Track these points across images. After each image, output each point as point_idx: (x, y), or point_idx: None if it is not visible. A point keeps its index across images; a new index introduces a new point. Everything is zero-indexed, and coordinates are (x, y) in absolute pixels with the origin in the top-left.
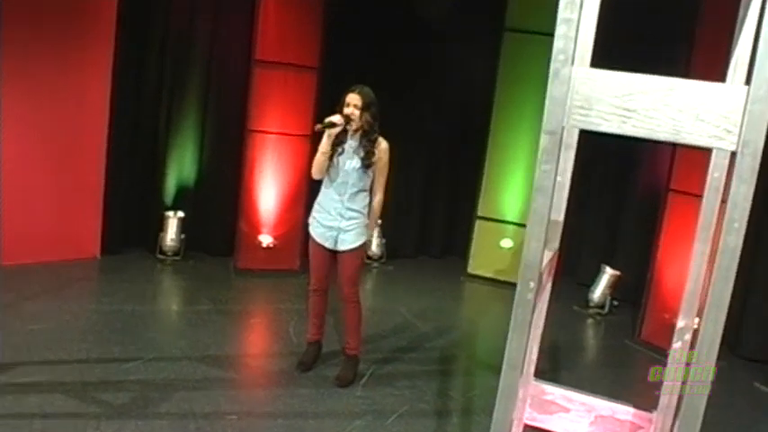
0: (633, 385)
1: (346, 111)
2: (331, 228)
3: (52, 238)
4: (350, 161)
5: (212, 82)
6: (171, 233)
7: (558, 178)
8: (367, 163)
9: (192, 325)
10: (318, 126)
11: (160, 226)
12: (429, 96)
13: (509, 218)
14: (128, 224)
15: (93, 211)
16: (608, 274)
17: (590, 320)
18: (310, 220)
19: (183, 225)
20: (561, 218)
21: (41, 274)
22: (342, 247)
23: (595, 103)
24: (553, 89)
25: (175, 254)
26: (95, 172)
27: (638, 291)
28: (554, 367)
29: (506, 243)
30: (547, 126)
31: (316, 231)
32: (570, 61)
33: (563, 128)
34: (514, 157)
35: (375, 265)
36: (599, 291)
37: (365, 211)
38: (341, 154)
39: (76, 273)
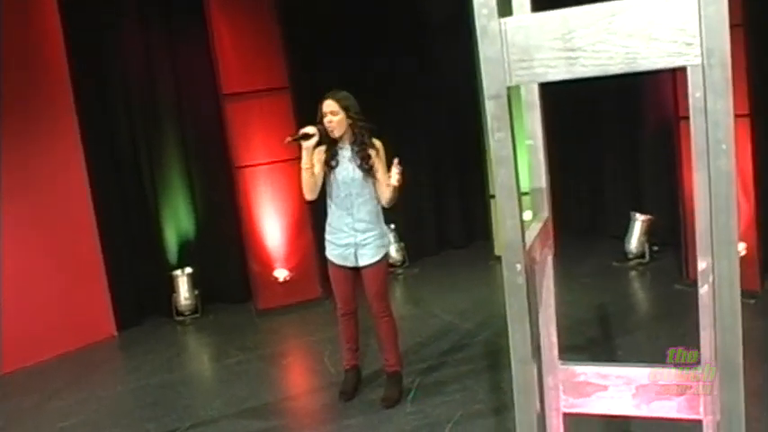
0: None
1: (325, 122)
2: (347, 245)
3: (64, 329)
4: (347, 172)
5: (186, 127)
6: (183, 292)
7: (530, 142)
8: (366, 168)
9: (224, 381)
10: (288, 139)
11: (171, 287)
12: (416, 90)
13: (523, 188)
14: (138, 294)
15: (100, 290)
16: (639, 220)
17: (633, 273)
18: (326, 244)
19: (194, 280)
20: (544, 184)
21: (61, 367)
22: (363, 262)
23: (535, 51)
24: (485, 48)
25: (193, 312)
26: (91, 250)
27: (675, 230)
28: (608, 334)
29: (527, 215)
30: (489, 90)
31: (333, 253)
32: (496, 13)
33: (507, 88)
34: (515, 126)
35: (399, 271)
36: (635, 240)
37: (378, 218)
38: (336, 167)
39: (96, 357)
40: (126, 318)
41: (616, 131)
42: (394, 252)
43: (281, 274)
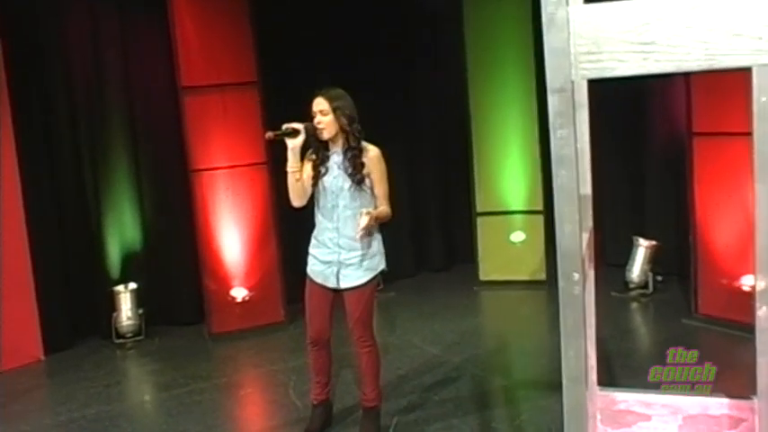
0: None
1: (315, 119)
2: (329, 263)
3: None
4: (336, 181)
5: (137, 123)
6: (125, 310)
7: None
8: (358, 178)
9: (172, 414)
10: (269, 134)
11: (111, 305)
12: (395, 92)
13: (514, 207)
14: (71, 311)
15: (25, 305)
16: (643, 246)
17: (635, 305)
18: (309, 258)
19: (139, 298)
20: (589, 190)
21: None
22: (345, 284)
23: (605, 43)
24: (551, 38)
25: (136, 334)
26: (18, 258)
27: (682, 259)
28: (609, 372)
29: (517, 237)
30: (553, 83)
31: (313, 269)
32: (565, 1)
33: (572, 82)
34: (504, 136)
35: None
36: (637, 268)
37: (369, 237)
38: (325, 174)
39: (19, 384)
40: (56, 339)
41: (618, 146)
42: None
43: (240, 293)
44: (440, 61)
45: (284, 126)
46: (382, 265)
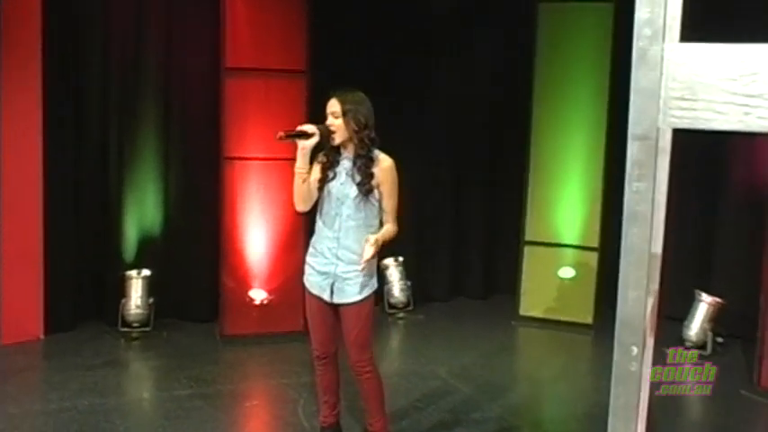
0: None
1: (326, 123)
2: (326, 274)
3: None
4: (343, 188)
5: (173, 101)
6: (135, 298)
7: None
8: (366, 188)
9: (170, 417)
10: (280, 134)
11: (121, 290)
12: (449, 94)
13: (566, 240)
14: (78, 291)
15: (31, 278)
16: (705, 302)
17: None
18: (305, 267)
19: (151, 286)
20: (659, 249)
21: None
22: (340, 299)
23: (702, 90)
24: (640, 77)
25: (143, 324)
26: (30, 228)
27: (748, 321)
28: None
29: (566, 272)
30: (636, 129)
31: (310, 280)
32: (661, 37)
33: (658, 129)
34: (565, 162)
35: (400, 315)
36: (696, 325)
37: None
38: (333, 179)
39: (13, 362)
40: (58, 319)
41: (688, 190)
42: (398, 291)
43: (259, 295)
44: (503, 74)
45: (298, 128)
46: (375, 284)
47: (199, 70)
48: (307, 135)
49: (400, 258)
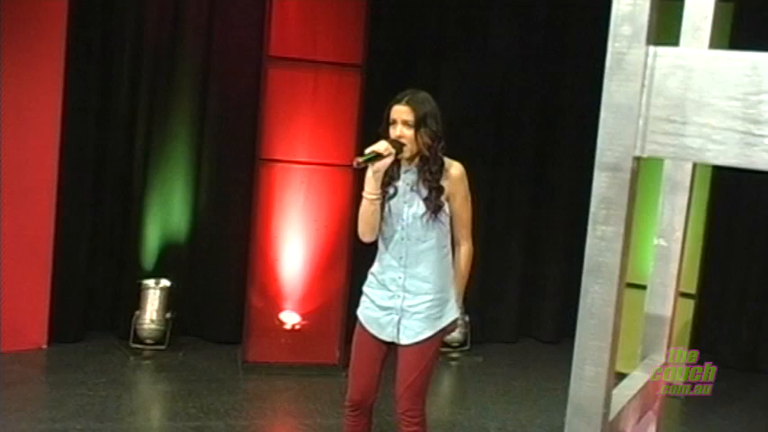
0: None
1: (393, 133)
2: (390, 310)
3: None
4: (408, 206)
5: (210, 93)
6: (151, 311)
7: (660, 242)
8: (435, 204)
9: None
10: (359, 160)
11: (136, 301)
12: (521, 97)
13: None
14: (88, 299)
15: (37, 281)
16: None
17: None
18: (362, 298)
19: (170, 299)
20: (669, 311)
21: None
22: (406, 339)
23: (694, 111)
24: (614, 88)
25: (157, 341)
26: (40, 225)
27: None
28: None
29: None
30: (605, 156)
31: (367, 314)
32: (644, 37)
33: (634, 159)
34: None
35: (454, 355)
36: None
37: (444, 279)
38: (392, 197)
39: (11, 372)
40: (64, 327)
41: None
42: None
43: (291, 318)
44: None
45: (371, 148)
46: (455, 314)
47: (241, 57)
48: (380, 155)
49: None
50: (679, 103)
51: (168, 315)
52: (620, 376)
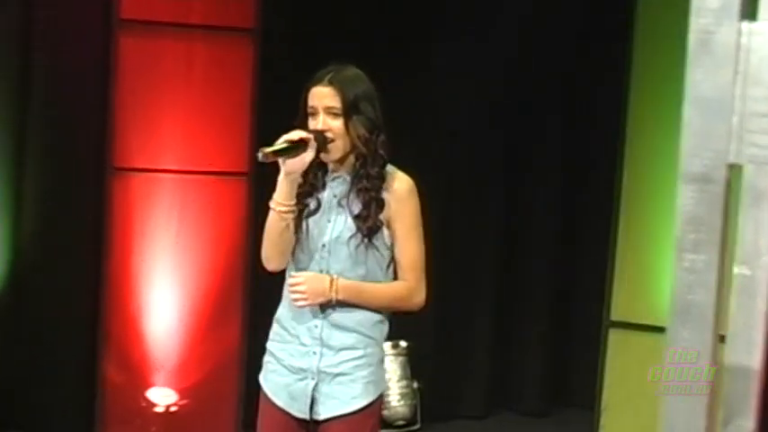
0: None
1: (313, 125)
2: (303, 373)
3: None
4: (334, 225)
5: (34, 76)
6: None
7: (742, 270)
8: (369, 225)
9: None
10: (265, 151)
11: None
12: (489, 90)
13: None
14: None
15: None
16: None
17: None
18: (265, 359)
19: None
20: (756, 362)
21: None
22: (326, 412)
23: None
24: (700, 78)
25: None
26: None
27: None
28: None
29: None
30: (692, 165)
31: (273, 381)
32: (737, 11)
33: (728, 167)
34: (667, 220)
35: None
36: None
37: (375, 325)
38: (313, 213)
39: None
40: None
41: None
42: (396, 399)
43: (164, 397)
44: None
45: (284, 137)
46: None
47: (81, 23)
48: (300, 147)
49: (402, 344)
50: None
51: None
52: None
